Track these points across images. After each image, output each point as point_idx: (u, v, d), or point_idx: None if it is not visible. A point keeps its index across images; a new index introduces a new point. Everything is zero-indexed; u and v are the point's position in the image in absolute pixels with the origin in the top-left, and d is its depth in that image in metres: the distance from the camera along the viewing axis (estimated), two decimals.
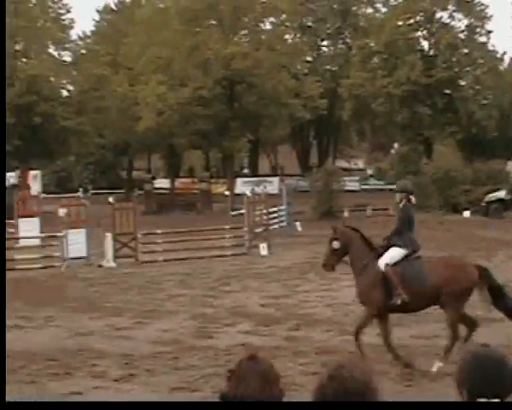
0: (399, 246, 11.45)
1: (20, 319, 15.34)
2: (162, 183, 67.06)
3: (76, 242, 24.54)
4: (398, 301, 11.16)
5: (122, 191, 58.04)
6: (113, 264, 24.64)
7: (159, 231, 27.25)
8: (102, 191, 52.77)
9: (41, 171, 45.30)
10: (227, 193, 51.29)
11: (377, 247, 11.68)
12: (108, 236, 25.13)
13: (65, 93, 58.60)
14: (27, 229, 27.17)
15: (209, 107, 50.50)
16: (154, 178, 69.77)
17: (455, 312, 11.14)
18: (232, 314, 15.97)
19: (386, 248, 11.54)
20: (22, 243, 26.10)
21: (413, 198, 11.92)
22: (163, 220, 38.51)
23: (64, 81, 58.09)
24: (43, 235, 26.91)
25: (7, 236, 26.32)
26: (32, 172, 42.27)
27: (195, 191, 57.19)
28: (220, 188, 58.63)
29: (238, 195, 45.13)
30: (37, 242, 26.47)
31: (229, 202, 48.40)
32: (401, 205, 11.93)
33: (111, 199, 27.15)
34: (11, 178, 62.35)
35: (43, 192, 38.50)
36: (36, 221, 28.23)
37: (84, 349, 12.97)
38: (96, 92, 54.81)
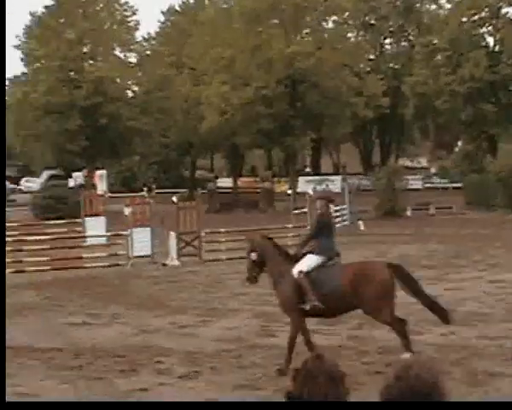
0: (314, 253, 11.57)
1: (87, 316, 15.63)
2: (225, 182, 67.47)
3: (141, 240, 24.86)
4: (307, 307, 11.29)
5: (185, 190, 58.53)
6: (176, 262, 24.90)
7: (222, 230, 27.44)
8: (166, 190, 53.27)
9: (107, 170, 45.89)
10: (289, 192, 51.27)
11: (292, 255, 11.80)
12: (172, 234, 25.40)
13: (130, 94, 59.38)
14: (94, 227, 27.62)
15: (272, 106, 50.61)
16: (216, 177, 70.22)
17: (380, 315, 11.26)
18: None
19: (303, 256, 11.62)
20: (89, 241, 26.54)
21: (332, 206, 11.87)
22: (226, 219, 38.77)
23: (129, 82, 58.89)
24: (109, 234, 27.30)
25: (75, 234, 26.83)
26: (99, 172, 42.80)
27: (258, 190, 57.33)
28: (282, 187, 58.65)
29: (300, 193, 45.09)
30: (103, 240, 26.89)
31: (292, 200, 48.39)
32: (318, 212, 12.09)
33: (174, 198, 27.44)
34: (78, 177, 63.47)
35: (109, 191, 39.05)
36: (102, 220, 28.68)
37: (149, 346, 13.17)
38: (160, 92, 55.41)
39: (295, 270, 11.45)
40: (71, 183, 61.95)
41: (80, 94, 51.88)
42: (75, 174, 65.08)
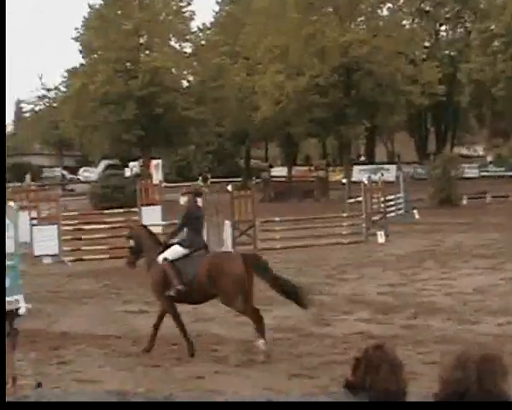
0: (181, 245, 12.32)
1: (144, 304, 15.82)
2: (279, 171, 67.45)
3: None
4: (172, 293, 12.02)
5: (240, 180, 58.73)
6: (231, 251, 25.01)
7: (277, 219, 27.50)
8: (221, 180, 53.58)
9: (162, 160, 46.23)
10: (344, 181, 51.15)
11: (162, 243, 12.56)
12: (227, 223, 25.54)
13: (185, 84, 59.69)
14: (150, 217, 27.81)
15: (326, 95, 50.44)
16: (271, 166, 70.21)
17: (231, 304, 12.03)
18: (350, 302, 16.05)
19: (171, 245, 12.40)
20: None
21: (199, 200, 13.05)
22: (280, 208, 38.82)
23: (185, 72, 59.19)
24: (164, 222, 27.50)
25: (131, 223, 27.06)
26: (154, 162, 43.15)
27: (312, 179, 57.24)
28: (337, 176, 58.49)
29: (355, 182, 44.95)
30: (159, 229, 27.07)
31: (346, 189, 48.29)
32: (185, 206, 12.78)
33: (229, 187, 27.57)
34: (134, 167, 64.12)
35: (165, 181, 39.34)
36: (158, 209, 28.87)
37: (205, 335, 13.32)
38: (214, 82, 55.59)
39: (160, 257, 12.21)
40: (127, 172, 62.62)
41: (136, 84, 52.32)
42: (131, 164, 65.76)
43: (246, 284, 11.98)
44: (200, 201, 13.09)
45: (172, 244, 12.46)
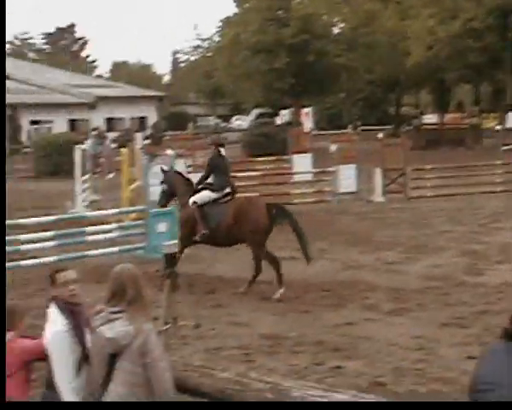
0: (210, 190, 13.33)
1: (295, 250, 16.10)
2: (430, 118, 66.18)
3: (346, 177, 25.08)
4: (197, 238, 13.25)
5: (390, 127, 58.06)
6: (381, 199, 24.96)
7: (427, 167, 27.12)
8: (371, 127, 53.18)
9: (313, 108, 46.20)
10: (498, 128, 49.63)
11: (194, 189, 13.57)
12: (377, 171, 25.43)
13: (336, 30, 59.23)
14: (300, 164, 28.04)
15: (481, 39, 48.87)
16: (422, 113, 68.92)
17: (255, 247, 12.90)
18: (503, 252, 15.76)
19: (201, 190, 13.43)
20: (296, 178, 27.04)
21: (223, 150, 13.64)
22: (431, 156, 38.19)
23: (335, 19, 58.69)
24: (315, 170, 27.66)
25: (282, 171, 27.40)
26: (305, 110, 43.19)
27: (465, 126, 55.83)
28: (490, 123, 56.76)
29: (510, 129, 43.56)
30: (309, 177, 27.29)
31: (500, 137, 46.85)
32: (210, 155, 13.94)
33: (380, 135, 27.34)
34: (285, 115, 64.60)
35: (315, 129, 39.42)
36: (308, 157, 29.03)
37: (355, 282, 13.45)
38: (365, 28, 54.89)
39: (191, 200, 13.34)
40: (278, 120, 63.12)
41: (287, 32, 52.39)
42: (282, 112, 66.20)
43: (264, 230, 12.92)
44: (223, 151, 13.82)
45: (203, 189, 13.47)
